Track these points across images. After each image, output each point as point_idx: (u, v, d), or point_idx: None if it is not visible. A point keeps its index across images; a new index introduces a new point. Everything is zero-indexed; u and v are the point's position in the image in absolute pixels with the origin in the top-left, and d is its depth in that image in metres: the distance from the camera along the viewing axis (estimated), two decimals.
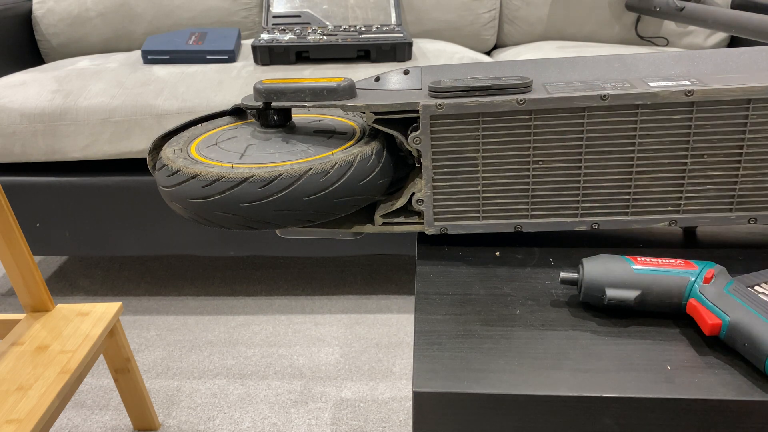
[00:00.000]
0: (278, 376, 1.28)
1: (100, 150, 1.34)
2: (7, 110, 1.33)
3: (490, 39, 1.87)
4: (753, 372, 0.42)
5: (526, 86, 0.54)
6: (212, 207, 0.54)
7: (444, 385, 0.42)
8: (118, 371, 1.08)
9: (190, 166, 0.56)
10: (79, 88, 1.36)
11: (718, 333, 0.43)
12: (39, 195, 1.38)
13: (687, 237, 0.61)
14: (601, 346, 0.45)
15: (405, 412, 1.18)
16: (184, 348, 1.39)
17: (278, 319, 1.48)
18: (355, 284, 1.62)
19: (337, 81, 0.58)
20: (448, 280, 0.54)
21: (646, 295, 0.47)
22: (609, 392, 0.41)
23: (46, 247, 1.45)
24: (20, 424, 0.78)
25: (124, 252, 1.44)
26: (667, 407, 0.40)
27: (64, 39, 1.80)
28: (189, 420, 1.18)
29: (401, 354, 1.34)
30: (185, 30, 1.65)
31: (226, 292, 1.60)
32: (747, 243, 0.58)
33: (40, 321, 1.00)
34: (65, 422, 1.18)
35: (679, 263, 0.47)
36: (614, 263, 0.48)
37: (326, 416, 1.17)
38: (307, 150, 0.58)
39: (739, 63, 0.58)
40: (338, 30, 1.60)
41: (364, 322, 1.46)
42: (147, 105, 1.32)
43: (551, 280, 0.54)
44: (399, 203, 0.59)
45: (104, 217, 1.40)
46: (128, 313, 1.52)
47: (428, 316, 0.49)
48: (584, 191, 0.57)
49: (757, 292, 0.44)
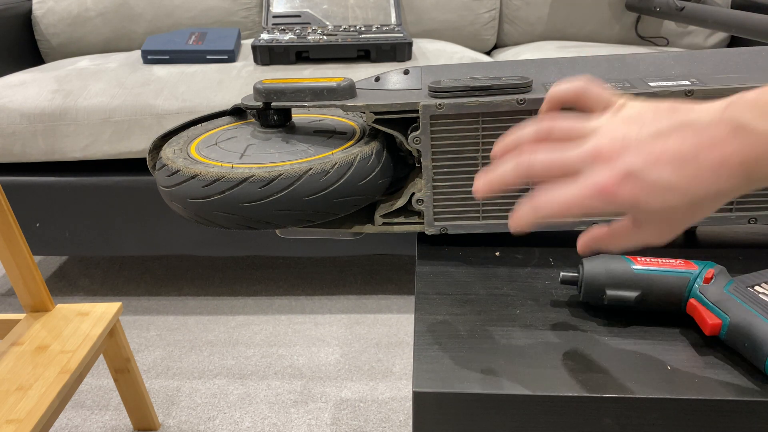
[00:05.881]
0: (278, 376, 1.28)
1: (100, 150, 1.34)
2: (7, 110, 1.33)
3: (490, 39, 1.87)
4: (753, 372, 0.42)
5: (526, 86, 0.54)
6: (212, 207, 0.54)
7: (444, 385, 0.42)
8: (118, 371, 1.08)
9: (190, 166, 0.56)
10: (79, 88, 1.36)
11: (718, 333, 0.43)
12: (39, 195, 1.38)
13: (687, 237, 0.61)
14: (601, 346, 0.45)
15: (405, 412, 1.18)
16: (184, 348, 1.39)
17: (278, 319, 1.48)
18: (355, 284, 1.62)
19: (337, 81, 0.58)
20: (448, 280, 0.54)
21: (646, 295, 0.47)
22: (609, 392, 0.41)
23: (46, 247, 1.45)
24: (20, 424, 0.78)
25: (124, 252, 1.44)
26: (667, 407, 0.40)
27: (64, 39, 1.80)
28: (189, 420, 1.18)
29: (401, 354, 1.34)
30: (185, 30, 1.65)
31: (226, 292, 1.60)
32: (747, 243, 0.58)
33: (40, 321, 1.00)
34: (65, 422, 1.18)
35: (679, 263, 0.47)
36: (614, 263, 0.48)
37: (326, 416, 1.17)
38: (307, 150, 0.58)
39: (739, 63, 0.58)
40: (338, 30, 1.60)
41: (364, 322, 1.46)
42: (147, 105, 1.32)
43: (551, 280, 0.54)
44: (399, 203, 0.59)
45: (104, 217, 1.40)
46: (128, 313, 1.52)
47: (428, 316, 0.49)
48: None
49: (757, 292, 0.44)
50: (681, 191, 0.32)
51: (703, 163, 0.32)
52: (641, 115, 0.35)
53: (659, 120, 0.34)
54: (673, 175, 0.32)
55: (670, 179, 0.32)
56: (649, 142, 0.33)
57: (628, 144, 0.33)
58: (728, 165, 0.32)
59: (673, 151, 0.32)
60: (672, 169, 0.32)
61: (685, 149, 0.32)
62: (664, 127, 0.33)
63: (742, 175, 0.32)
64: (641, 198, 0.33)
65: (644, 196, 0.33)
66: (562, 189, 0.34)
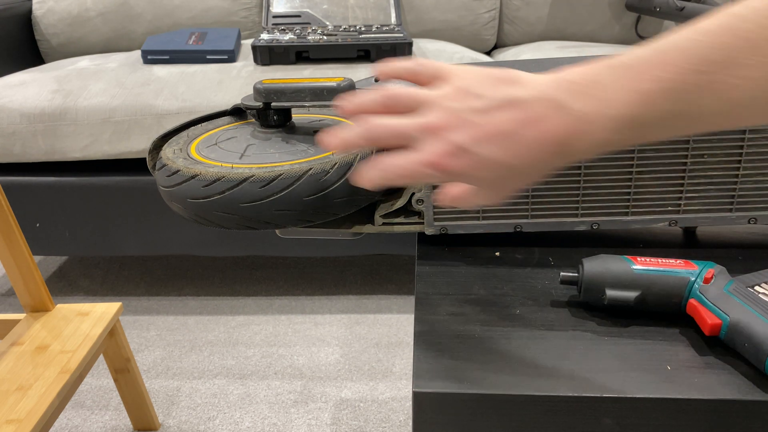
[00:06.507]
0: (278, 376, 1.28)
1: (100, 150, 1.34)
2: (7, 110, 1.33)
3: (490, 39, 1.87)
4: (753, 372, 0.42)
5: None
6: (212, 207, 0.54)
7: (444, 385, 0.42)
8: (118, 371, 1.08)
9: (189, 166, 0.56)
10: (79, 88, 1.36)
11: (718, 333, 0.43)
12: (39, 195, 1.38)
13: (687, 237, 0.61)
14: (601, 346, 0.45)
15: (405, 412, 1.18)
16: (184, 348, 1.39)
17: (278, 319, 1.48)
18: (355, 284, 1.62)
19: (337, 81, 0.58)
20: (448, 280, 0.54)
21: (646, 295, 0.47)
22: (609, 392, 0.41)
23: (46, 247, 1.45)
24: (20, 424, 0.78)
25: (124, 252, 1.44)
26: (667, 407, 0.40)
27: (64, 39, 1.80)
28: (189, 420, 1.18)
29: (401, 354, 1.34)
30: (185, 30, 1.65)
31: (226, 292, 1.60)
32: (747, 243, 0.58)
33: (40, 321, 1.00)
34: (65, 422, 1.18)
35: (679, 263, 0.47)
36: (614, 263, 0.48)
37: (326, 416, 1.17)
38: (307, 150, 0.58)
39: None
40: (338, 30, 1.60)
41: (364, 322, 1.46)
42: (147, 105, 1.32)
43: (551, 280, 0.54)
44: (399, 203, 0.59)
45: (104, 217, 1.40)
46: (128, 313, 1.52)
47: (428, 316, 0.49)
48: (584, 191, 0.57)
49: (757, 292, 0.44)
50: (505, 164, 0.36)
51: (523, 139, 0.35)
52: (471, 86, 0.37)
53: (486, 94, 0.36)
54: (497, 150, 0.35)
55: (495, 154, 0.35)
56: (477, 118, 0.36)
57: (457, 118, 0.36)
58: (546, 141, 0.35)
59: (498, 128, 0.35)
60: (496, 145, 0.35)
61: (508, 126, 0.35)
62: (490, 102, 0.36)
63: (557, 150, 0.35)
64: (470, 171, 0.36)
65: (472, 169, 0.36)
66: (400, 157, 0.37)
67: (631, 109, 0.33)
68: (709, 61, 0.32)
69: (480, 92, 0.36)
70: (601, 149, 0.35)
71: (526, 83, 0.36)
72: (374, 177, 0.38)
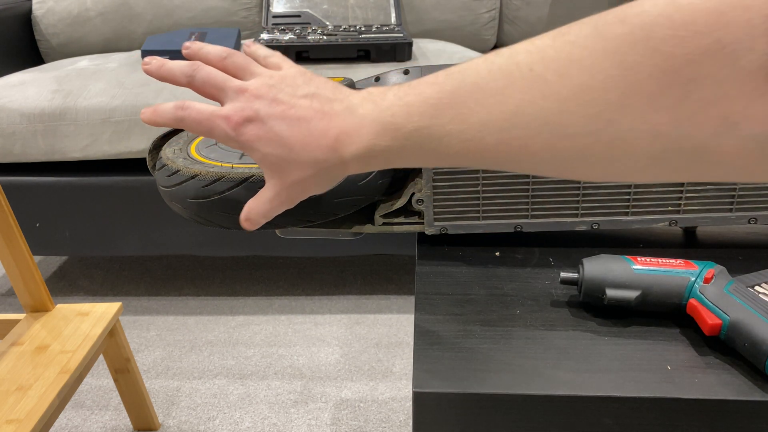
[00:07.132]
0: (278, 376, 1.28)
1: (100, 150, 1.34)
2: (7, 110, 1.33)
3: (490, 39, 1.87)
4: (753, 372, 0.42)
5: None
6: (212, 207, 0.54)
7: (444, 385, 0.42)
8: (118, 371, 1.08)
9: (189, 166, 0.56)
10: (79, 88, 1.36)
11: (718, 333, 0.43)
12: (39, 195, 1.38)
13: (687, 237, 0.61)
14: (601, 346, 0.45)
15: (405, 412, 1.18)
16: (184, 348, 1.39)
17: (278, 319, 1.48)
18: (355, 284, 1.62)
19: (337, 81, 0.58)
20: (448, 280, 0.54)
21: (646, 295, 0.46)
22: (609, 392, 0.41)
23: (46, 247, 1.45)
24: (20, 424, 0.78)
25: (124, 252, 1.44)
26: (667, 407, 0.40)
27: (64, 39, 1.80)
28: (189, 420, 1.18)
29: (401, 354, 1.34)
30: (185, 30, 1.65)
31: (226, 292, 1.60)
32: (747, 243, 0.58)
33: (40, 321, 1.00)
34: (65, 422, 1.18)
35: (679, 263, 0.47)
36: (614, 263, 0.48)
37: (326, 416, 1.17)
38: None
39: None
40: (338, 30, 1.60)
41: (364, 322, 1.46)
42: (147, 105, 1.32)
43: (551, 280, 0.54)
44: (399, 203, 0.59)
45: (104, 217, 1.40)
46: (128, 313, 1.52)
47: (428, 316, 0.49)
48: (584, 191, 0.57)
49: (757, 292, 0.44)
50: (288, 145, 0.38)
51: (312, 128, 0.38)
52: (294, 77, 0.40)
53: (302, 84, 0.40)
54: (287, 129, 0.38)
55: (284, 132, 0.38)
56: (286, 98, 0.39)
57: (269, 94, 0.39)
58: (327, 135, 0.38)
59: (298, 113, 0.38)
60: (288, 124, 0.38)
61: (306, 113, 0.38)
62: (301, 91, 0.39)
63: (334, 145, 0.38)
64: (256, 141, 0.38)
65: (260, 139, 0.38)
66: (204, 104, 0.40)
67: (396, 117, 0.36)
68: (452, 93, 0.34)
69: (298, 82, 0.40)
70: (368, 156, 0.37)
71: (342, 91, 0.40)
72: (170, 113, 0.40)
